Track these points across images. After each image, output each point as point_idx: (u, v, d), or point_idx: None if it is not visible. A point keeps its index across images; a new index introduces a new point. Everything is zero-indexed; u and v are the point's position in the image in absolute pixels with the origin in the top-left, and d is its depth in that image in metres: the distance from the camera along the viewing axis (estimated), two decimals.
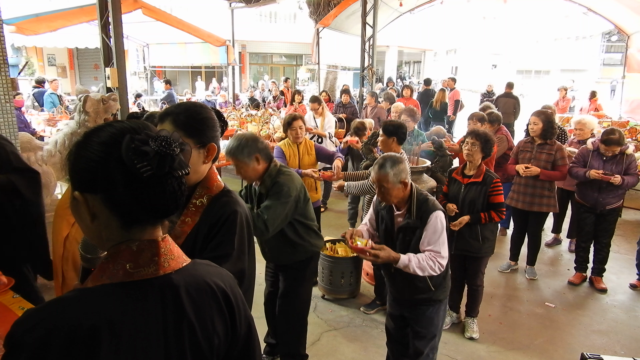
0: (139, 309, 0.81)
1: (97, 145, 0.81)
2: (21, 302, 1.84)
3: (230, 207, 1.45)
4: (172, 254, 0.89)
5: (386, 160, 2.32)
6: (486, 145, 3.27)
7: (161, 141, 0.80)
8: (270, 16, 22.56)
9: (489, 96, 11.75)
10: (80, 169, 0.82)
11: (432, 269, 2.26)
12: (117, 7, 5.26)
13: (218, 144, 1.51)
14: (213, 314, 0.91)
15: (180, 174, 0.83)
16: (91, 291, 0.81)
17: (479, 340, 3.36)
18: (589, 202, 4.10)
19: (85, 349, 0.73)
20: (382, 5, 9.96)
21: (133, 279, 0.82)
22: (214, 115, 1.52)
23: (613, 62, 25.22)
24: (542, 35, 26.00)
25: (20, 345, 0.73)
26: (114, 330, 0.76)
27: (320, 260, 3.88)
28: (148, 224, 0.86)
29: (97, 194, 0.81)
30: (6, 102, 3.28)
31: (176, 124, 1.41)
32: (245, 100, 12.85)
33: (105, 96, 4.30)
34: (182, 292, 0.86)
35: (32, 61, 15.54)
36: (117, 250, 0.84)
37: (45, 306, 0.78)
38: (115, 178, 0.79)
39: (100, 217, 0.83)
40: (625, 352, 3.28)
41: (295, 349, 2.86)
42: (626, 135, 6.39)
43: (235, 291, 0.98)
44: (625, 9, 9.47)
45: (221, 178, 1.58)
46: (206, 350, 0.89)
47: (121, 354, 0.77)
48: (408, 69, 31.81)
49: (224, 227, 1.42)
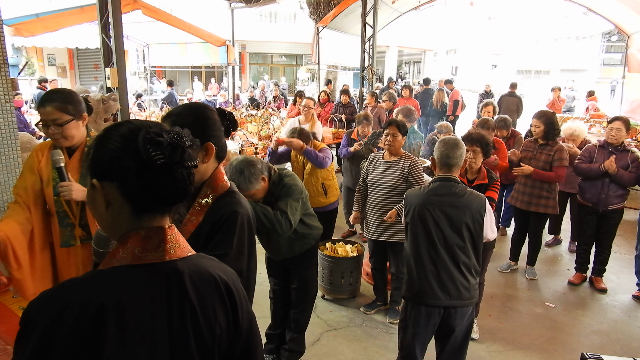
0: (145, 291, 0.86)
1: (117, 137, 0.90)
2: (21, 302, 1.84)
3: (232, 207, 1.46)
4: (177, 242, 0.94)
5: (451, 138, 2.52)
6: (487, 149, 3.28)
7: (174, 134, 0.89)
8: (270, 16, 22.56)
9: (487, 96, 11.75)
10: (99, 158, 0.90)
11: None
12: (117, 7, 5.25)
13: (219, 143, 1.52)
14: (215, 303, 0.94)
15: (190, 165, 0.91)
16: (101, 272, 0.88)
17: (479, 340, 3.36)
18: (592, 201, 4.10)
19: (95, 326, 0.79)
20: (382, 5, 9.97)
21: (141, 262, 0.88)
22: (213, 115, 1.52)
23: (613, 62, 25.23)
24: (542, 35, 26.04)
25: (33, 322, 0.78)
26: (121, 308, 0.82)
27: (320, 260, 3.88)
28: (157, 212, 0.93)
29: (113, 182, 0.88)
30: (6, 102, 3.28)
31: (175, 125, 1.43)
32: (245, 100, 12.85)
33: (105, 96, 4.31)
34: (186, 278, 0.91)
35: (32, 61, 15.53)
36: (126, 237, 0.90)
37: (59, 286, 0.85)
38: (130, 167, 0.87)
39: (114, 204, 0.90)
40: (625, 352, 3.28)
41: (303, 334, 3.03)
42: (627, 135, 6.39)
43: (237, 287, 1.02)
44: (625, 8, 9.47)
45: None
46: (208, 337, 0.93)
47: (128, 332, 0.82)
48: (408, 69, 31.82)
49: (224, 226, 1.43)
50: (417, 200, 2.42)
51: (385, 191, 3.47)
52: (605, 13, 10.60)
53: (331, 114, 8.24)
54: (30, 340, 0.78)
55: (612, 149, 4.02)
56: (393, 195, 3.44)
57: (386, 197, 3.46)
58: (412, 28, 22.53)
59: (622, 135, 3.99)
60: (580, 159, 4.21)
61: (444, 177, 2.44)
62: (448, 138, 2.52)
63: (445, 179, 2.43)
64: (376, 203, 3.51)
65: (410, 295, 2.46)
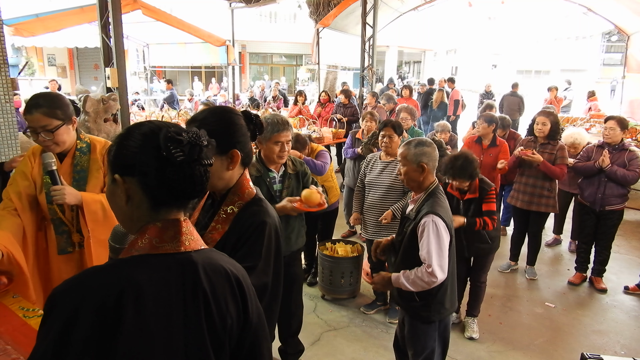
0: (162, 279, 0.91)
1: (138, 135, 0.95)
2: (21, 302, 1.83)
3: (260, 218, 1.41)
4: (192, 234, 0.99)
5: (414, 139, 2.37)
6: (472, 175, 3.13)
7: (192, 134, 0.94)
8: (270, 16, 22.56)
9: (488, 96, 11.75)
10: (122, 154, 0.95)
11: (423, 284, 2.14)
12: (117, 7, 5.25)
13: (245, 149, 1.45)
14: (227, 295, 0.99)
15: (206, 163, 0.97)
16: (121, 261, 0.93)
17: (479, 340, 3.36)
18: (589, 200, 4.12)
19: (115, 311, 0.83)
20: (382, 5, 9.97)
21: (158, 252, 0.93)
22: (239, 120, 1.47)
23: (613, 62, 25.21)
24: (542, 35, 26.02)
25: (58, 308, 0.84)
26: (140, 294, 0.86)
27: (320, 260, 3.88)
28: (174, 206, 0.98)
29: (134, 177, 0.94)
30: (6, 102, 3.28)
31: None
32: (245, 100, 12.86)
33: (105, 96, 4.31)
34: (200, 269, 0.95)
35: (32, 61, 15.55)
36: (145, 228, 0.96)
37: (82, 273, 0.90)
38: (151, 163, 0.92)
39: (134, 198, 0.95)
40: (625, 352, 3.28)
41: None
42: (626, 135, 6.40)
43: (247, 282, 1.06)
44: (625, 9, 9.47)
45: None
46: (220, 327, 0.96)
47: (145, 317, 0.86)
48: (408, 69, 31.81)
49: (252, 237, 1.39)
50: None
51: (382, 191, 3.47)
52: (605, 13, 10.61)
53: (332, 114, 8.24)
54: (54, 324, 0.82)
55: (609, 149, 4.04)
56: (390, 196, 3.44)
57: (383, 198, 3.46)
58: (412, 28, 22.54)
59: (616, 134, 4.00)
60: (578, 159, 4.25)
61: None
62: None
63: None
64: (374, 203, 3.51)
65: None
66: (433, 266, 2.11)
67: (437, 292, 2.24)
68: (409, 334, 2.40)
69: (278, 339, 2.94)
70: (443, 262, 2.14)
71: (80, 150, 2.12)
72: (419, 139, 2.38)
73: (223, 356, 0.98)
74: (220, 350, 0.97)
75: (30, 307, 1.78)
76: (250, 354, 1.05)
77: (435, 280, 2.13)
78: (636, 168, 3.91)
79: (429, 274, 2.11)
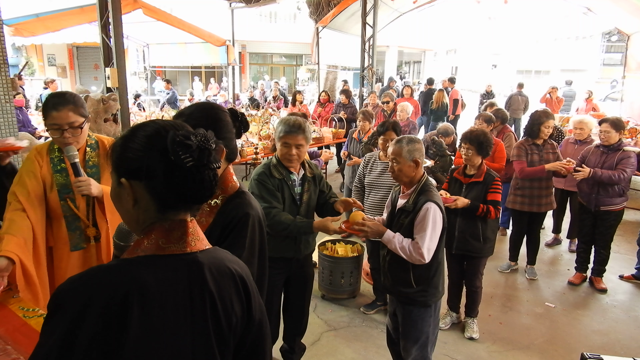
0: (169, 279, 0.90)
1: (143, 137, 0.91)
2: (21, 302, 1.83)
3: (243, 209, 1.44)
4: (197, 235, 0.98)
5: (404, 137, 2.46)
6: (481, 148, 3.25)
7: (201, 137, 0.91)
8: (270, 16, 22.56)
9: (488, 96, 11.76)
10: (127, 158, 0.92)
11: (409, 256, 2.29)
12: (117, 7, 5.26)
13: (230, 145, 1.49)
14: (232, 294, 0.99)
15: (215, 167, 0.94)
16: (127, 261, 0.91)
17: (479, 340, 3.36)
18: (584, 199, 4.13)
19: (121, 311, 0.82)
20: (382, 5, 9.97)
21: (164, 253, 0.92)
22: (225, 116, 1.50)
23: (613, 62, 25.16)
24: (542, 35, 25.98)
25: (63, 307, 0.82)
26: (147, 295, 0.85)
27: (320, 260, 3.88)
28: (182, 209, 0.96)
29: (141, 181, 0.91)
30: (6, 102, 3.29)
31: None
32: (245, 100, 12.86)
33: (105, 96, 4.31)
34: (206, 269, 0.95)
35: (32, 61, 15.54)
36: (151, 228, 0.93)
37: (87, 272, 0.88)
38: (158, 167, 0.89)
39: (141, 202, 0.93)
40: (625, 352, 3.27)
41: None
42: (626, 135, 6.40)
43: (250, 280, 1.06)
44: (624, 10, 9.46)
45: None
46: (225, 326, 0.96)
47: (152, 318, 0.85)
48: (408, 69, 31.80)
49: (236, 229, 1.41)
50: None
51: (383, 193, 3.47)
52: (605, 13, 10.61)
53: (331, 114, 8.24)
54: (59, 324, 0.81)
55: (605, 150, 4.03)
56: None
57: (384, 198, 3.45)
58: (412, 28, 22.54)
59: (611, 136, 3.98)
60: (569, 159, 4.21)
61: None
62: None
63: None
64: (375, 204, 3.50)
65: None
66: (423, 248, 2.27)
67: (433, 277, 2.40)
68: (404, 322, 2.48)
69: (281, 338, 2.92)
70: (432, 246, 2.30)
71: (90, 146, 2.17)
72: (408, 136, 2.48)
73: (227, 354, 0.98)
74: (224, 348, 0.97)
75: (30, 307, 1.78)
76: (253, 351, 1.06)
77: (420, 260, 2.29)
78: (625, 167, 3.87)
79: (418, 253, 2.28)
